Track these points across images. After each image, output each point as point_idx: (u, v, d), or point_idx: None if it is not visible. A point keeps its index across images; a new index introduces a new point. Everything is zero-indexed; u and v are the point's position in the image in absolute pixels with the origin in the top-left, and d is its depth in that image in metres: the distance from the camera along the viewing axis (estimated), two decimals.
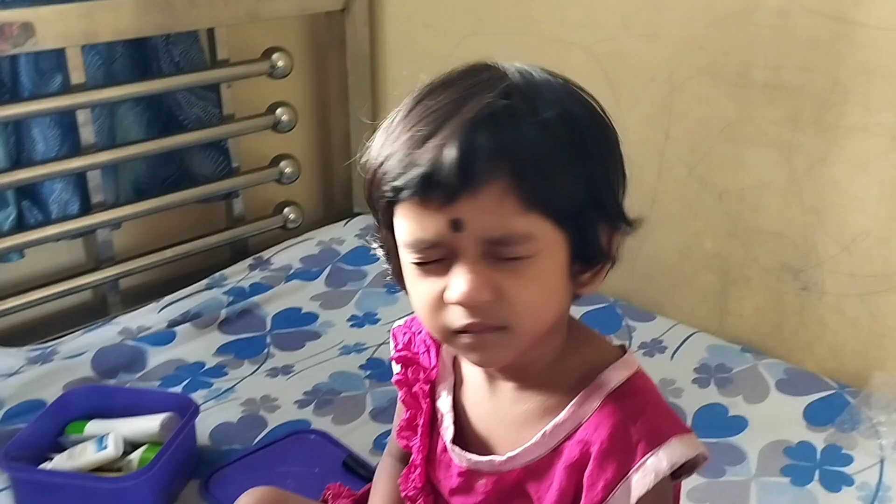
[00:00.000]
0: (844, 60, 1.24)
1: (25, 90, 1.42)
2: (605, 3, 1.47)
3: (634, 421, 0.68)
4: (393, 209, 0.66)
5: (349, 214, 1.84)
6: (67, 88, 1.44)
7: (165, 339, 1.46)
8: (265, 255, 1.72)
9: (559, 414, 0.71)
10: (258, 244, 1.79)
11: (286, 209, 1.82)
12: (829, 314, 1.36)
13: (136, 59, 1.55)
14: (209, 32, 1.63)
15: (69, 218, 1.52)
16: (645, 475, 0.67)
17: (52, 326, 1.54)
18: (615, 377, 0.71)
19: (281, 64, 1.70)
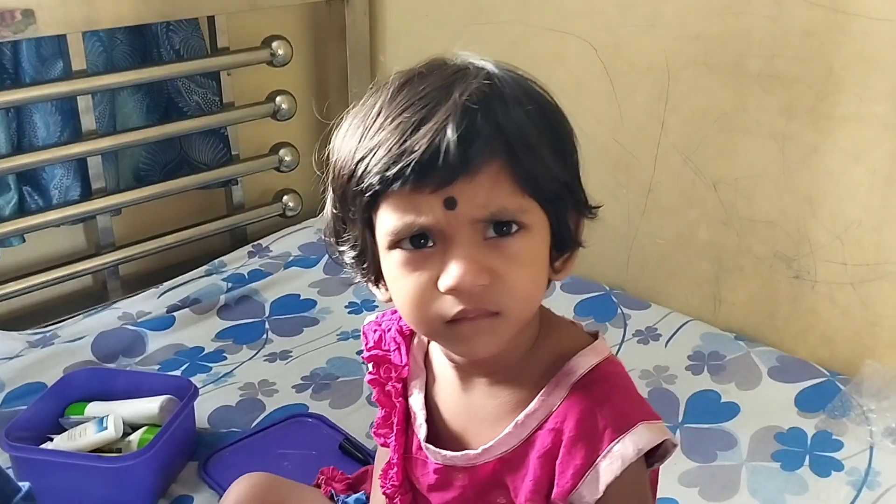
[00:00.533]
0: (839, 50, 1.25)
1: (27, 76, 1.43)
2: None
3: (601, 407, 0.69)
4: (375, 203, 0.65)
5: None
6: (68, 75, 1.45)
7: (165, 324, 1.47)
8: (264, 242, 1.74)
9: (530, 404, 0.71)
10: (257, 231, 1.80)
11: (285, 197, 1.83)
12: (821, 302, 1.37)
13: (136, 46, 1.56)
14: (209, 20, 1.63)
15: (70, 203, 1.53)
16: (612, 461, 0.67)
17: (52, 311, 1.55)
18: (583, 364, 0.71)
19: (281, 52, 1.71)
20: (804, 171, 1.33)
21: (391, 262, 0.67)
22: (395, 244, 0.66)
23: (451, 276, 0.63)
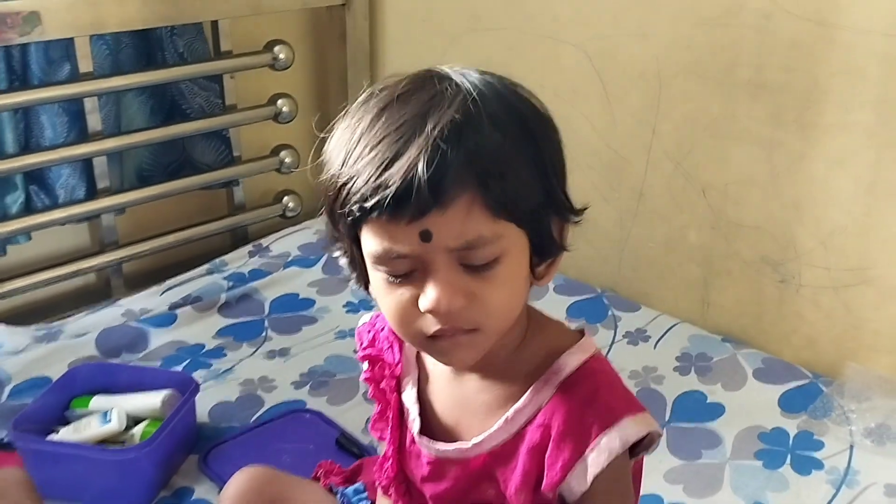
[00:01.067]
0: (824, 61, 1.29)
1: (35, 78, 1.46)
2: (596, 1, 1.52)
3: (588, 403, 0.72)
4: (359, 225, 0.67)
5: None
6: (75, 77, 1.49)
7: (167, 321, 1.51)
8: (264, 242, 1.77)
9: (519, 400, 0.74)
10: (258, 231, 1.83)
11: (285, 198, 1.87)
12: (805, 306, 1.41)
13: (141, 49, 1.60)
14: (213, 24, 1.67)
15: (75, 202, 1.57)
16: (599, 454, 0.70)
17: (57, 307, 1.59)
18: (571, 362, 0.74)
19: (282, 56, 1.74)
20: (790, 177, 1.37)
21: (376, 278, 0.70)
22: (378, 264, 0.69)
23: (428, 299, 0.66)
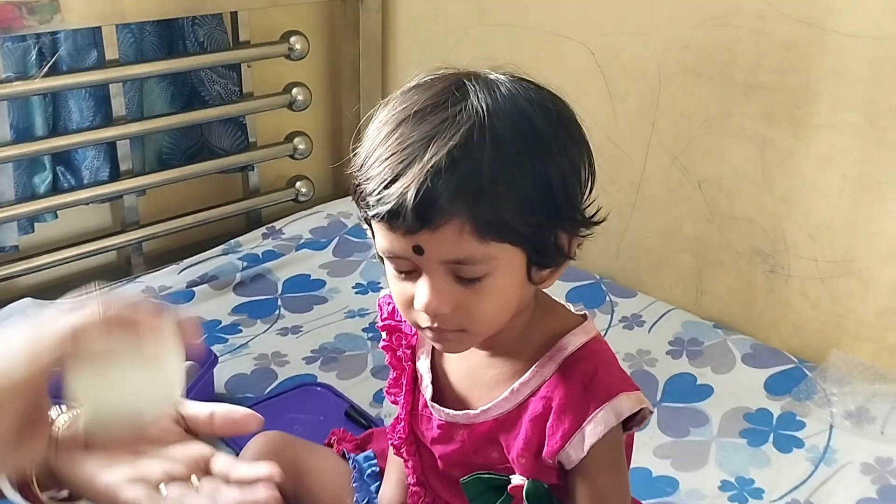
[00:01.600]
0: (815, 63, 1.35)
1: (64, 64, 1.53)
2: (601, 0, 1.58)
3: (588, 380, 0.78)
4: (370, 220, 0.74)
5: None
6: (101, 64, 1.55)
7: (185, 297, 1.57)
8: (277, 225, 1.83)
9: (525, 374, 0.81)
10: (271, 215, 1.89)
11: (298, 183, 1.92)
12: (793, 296, 1.47)
13: (164, 38, 1.66)
14: (232, 15, 1.72)
15: (99, 184, 1.63)
16: (596, 426, 0.77)
17: (81, 283, 1.64)
18: (574, 342, 0.80)
19: (298, 47, 1.80)
20: (781, 173, 1.43)
21: (387, 265, 0.77)
22: (384, 257, 0.75)
23: (419, 301, 0.73)
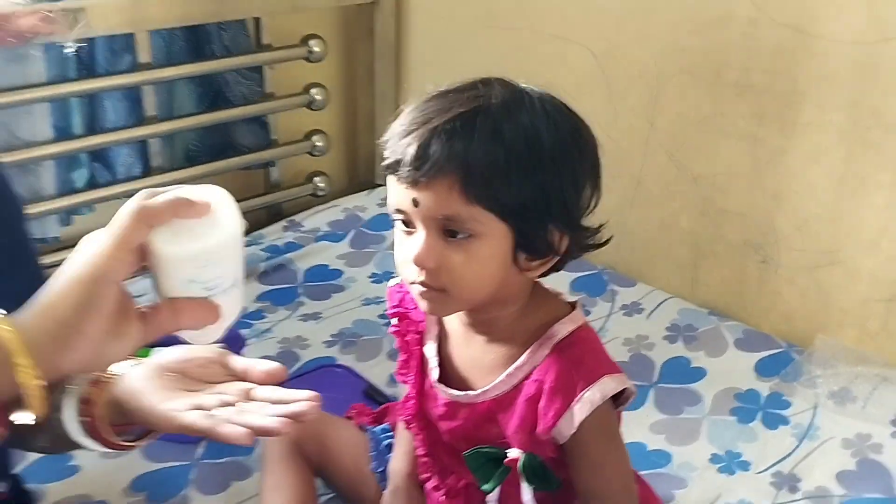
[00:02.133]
0: (803, 66, 1.44)
1: (100, 68, 1.63)
2: (601, 4, 1.66)
3: (575, 365, 0.88)
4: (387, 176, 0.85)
5: (371, 185, 2.01)
6: (134, 67, 1.63)
7: None
8: (297, 218, 1.91)
9: (518, 359, 0.91)
10: (291, 208, 1.96)
11: (316, 178, 2.00)
12: (783, 284, 1.56)
13: (192, 42, 1.73)
14: (255, 20, 1.80)
15: (132, 179, 1.70)
16: (583, 405, 0.87)
17: None
18: (563, 330, 0.90)
19: (317, 49, 1.87)
20: (771, 170, 1.52)
21: (396, 225, 0.87)
22: (393, 213, 0.86)
23: (411, 251, 0.83)
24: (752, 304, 1.61)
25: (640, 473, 1.10)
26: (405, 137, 0.82)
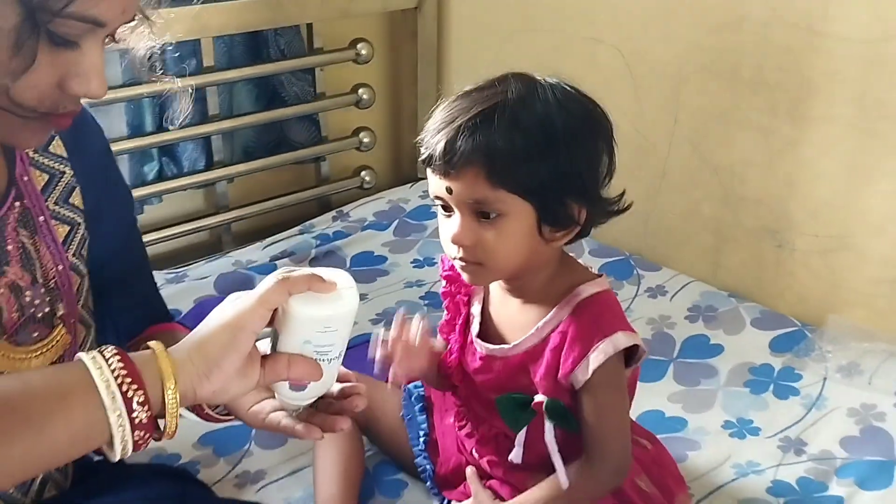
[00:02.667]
0: (813, 63, 1.53)
1: (169, 71, 1.78)
2: (628, 8, 1.77)
3: (594, 320, 1.01)
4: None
5: (414, 179, 2.14)
6: (199, 70, 1.78)
7: (269, 269, 1.79)
8: (345, 209, 2.05)
9: (547, 315, 1.03)
10: (340, 200, 2.09)
11: (363, 172, 2.13)
12: (797, 267, 1.66)
13: (251, 46, 1.88)
14: (308, 26, 1.94)
15: (196, 172, 1.86)
16: (598, 354, 0.99)
17: (179, 257, 1.89)
18: (587, 290, 1.02)
19: (364, 52, 2.01)
20: (785, 160, 1.62)
21: (437, 208, 1.01)
22: (433, 200, 0.99)
23: (450, 232, 0.98)
24: (768, 286, 1.70)
25: (657, 436, 1.23)
26: (436, 135, 0.95)
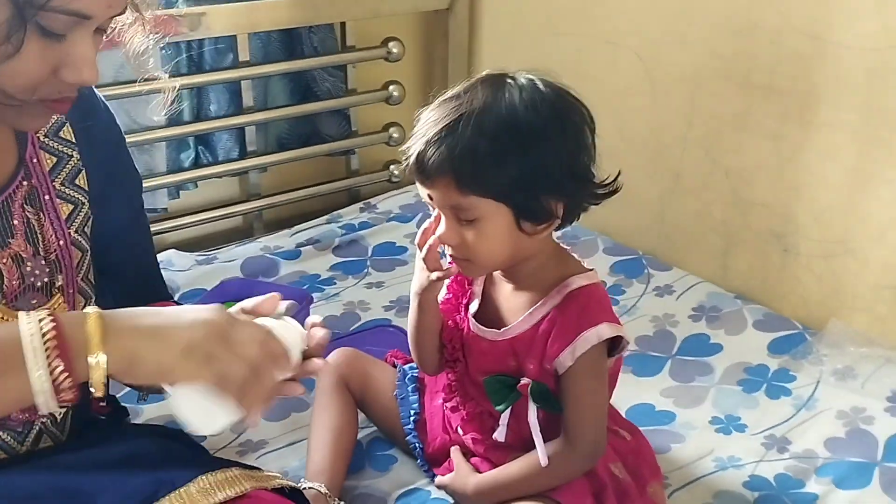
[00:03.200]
0: (821, 71, 1.56)
1: (206, 64, 1.90)
2: (648, 14, 1.82)
3: (581, 310, 1.07)
4: None
5: None
6: (236, 64, 1.89)
7: (294, 255, 1.90)
8: (373, 201, 2.12)
9: (537, 303, 1.10)
10: (369, 192, 2.17)
11: (392, 166, 2.19)
12: (801, 271, 1.68)
13: (285, 43, 1.97)
14: (341, 25, 2.02)
15: (230, 161, 1.96)
16: (583, 342, 1.05)
17: (213, 240, 2.00)
18: (577, 282, 1.08)
19: (395, 51, 2.08)
20: (792, 165, 1.64)
21: None
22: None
23: (437, 235, 1.05)
24: (773, 289, 1.73)
25: (640, 428, 1.27)
26: (411, 147, 1.03)
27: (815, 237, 1.64)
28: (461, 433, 1.21)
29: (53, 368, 0.69)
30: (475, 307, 1.16)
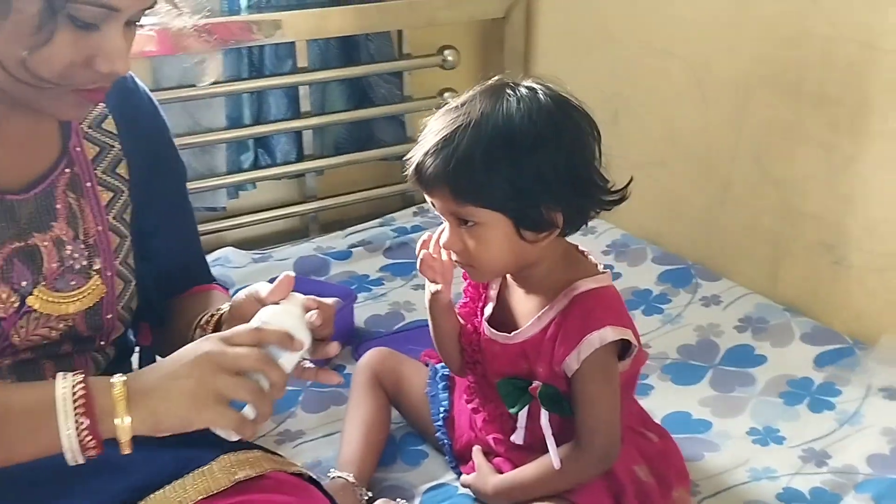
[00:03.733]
0: (873, 79, 1.52)
1: (267, 70, 1.97)
2: (699, 22, 1.80)
3: (587, 313, 1.07)
4: None
5: None
6: (294, 70, 1.95)
7: (345, 256, 1.94)
8: (425, 205, 2.17)
9: (546, 307, 1.11)
10: (422, 197, 2.14)
11: None
12: (853, 284, 1.63)
13: (343, 50, 2.03)
14: (398, 32, 2.07)
15: (288, 163, 2.02)
16: (587, 346, 1.06)
17: (269, 239, 2.06)
18: (585, 285, 1.08)
19: (451, 59, 2.11)
20: (844, 175, 1.61)
21: None
22: None
23: (442, 240, 1.08)
24: (824, 301, 1.69)
25: (674, 435, 1.26)
26: (413, 157, 1.05)
27: (867, 249, 1.60)
28: (483, 433, 1.23)
29: (80, 430, 0.79)
30: (489, 311, 1.18)
